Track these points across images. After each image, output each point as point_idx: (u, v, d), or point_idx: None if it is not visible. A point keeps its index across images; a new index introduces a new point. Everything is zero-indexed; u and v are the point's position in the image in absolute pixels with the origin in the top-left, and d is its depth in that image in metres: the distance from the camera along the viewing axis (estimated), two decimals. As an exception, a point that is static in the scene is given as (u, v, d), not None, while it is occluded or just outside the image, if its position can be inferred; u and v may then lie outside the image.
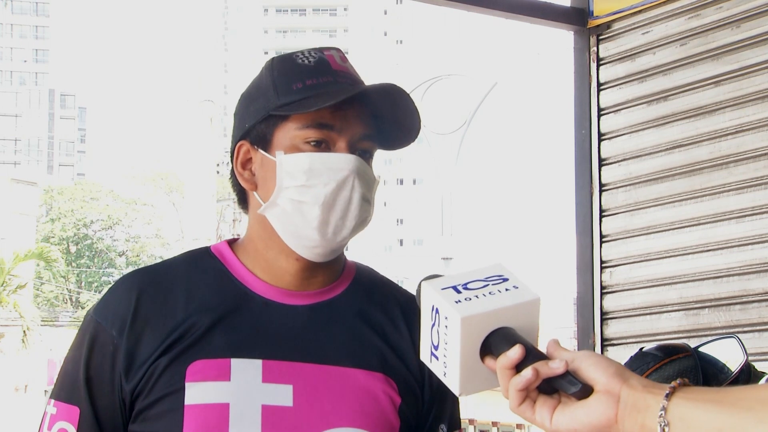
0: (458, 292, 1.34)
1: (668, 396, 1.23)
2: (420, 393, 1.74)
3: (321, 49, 1.75)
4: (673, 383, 1.25)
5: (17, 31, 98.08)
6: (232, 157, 1.77)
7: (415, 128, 1.73)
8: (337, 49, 1.76)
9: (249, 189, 1.75)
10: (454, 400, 1.80)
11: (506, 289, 1.35)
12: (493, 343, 1.32)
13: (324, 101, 1.65)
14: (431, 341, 1.37)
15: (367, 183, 1.69)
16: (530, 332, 1.34)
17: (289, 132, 1.69)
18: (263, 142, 1.71)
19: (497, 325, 1.33)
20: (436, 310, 1.35)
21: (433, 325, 1.36)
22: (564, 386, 1.28)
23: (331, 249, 1.70)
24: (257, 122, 1.72)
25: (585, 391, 1.27)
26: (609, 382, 1.26)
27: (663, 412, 1.23)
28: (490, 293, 1.34)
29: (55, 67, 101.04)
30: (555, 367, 1.28)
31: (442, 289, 1.35)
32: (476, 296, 1.34)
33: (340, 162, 1.66)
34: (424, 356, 1.40)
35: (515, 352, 1.29)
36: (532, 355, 1.30)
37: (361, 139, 1.70)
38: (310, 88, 1.68)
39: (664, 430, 1.22)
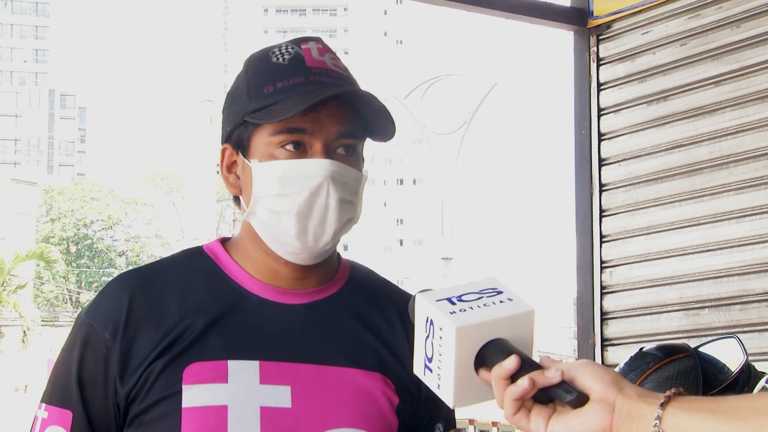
0: (453, 303, 1.35)
1: (663, 405, 1.24)
2: (417, 392, 1.72)
3: (299, 41, 1.69)
4: (668, 392, 1.25)
5: (17, 31, 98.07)
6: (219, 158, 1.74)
7: (389, 126, 1.67)
8: (317, 39, 1.71)
9: (234, 193, 1.72)
10: None
11: (500, 301, 1.36)
12: (488, 354, 1.33)
13: (289, 109, 1.61)
14: (425, 353, 1.37)
15: (346, 185, 1.65)
16: (524, 344, 1.34)
17: (263, 138, 1.65)
18: (242, 147, 1.68)
19: (491, 337, 1.33)
20: (431, 321, 1.36)
21: (427, 336, 1.37)
22: (559, 395, 1.28)
23: (316, 254, 1.67)
24: (235, 126, 1.68)
25: (580, 399, 1.27)
26: (604, 390, 1.27)
27: (658, 421, 1.23)
28: (484, 305, 1.35)
29: (55, 67, 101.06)
30: (551, 377, 1.29)
31: (437, 300, 1.36)
32: (471, 308, 1.34)
33: (313, 169, 1.63)
34: (418, 369, 1.40)
35: (511, 362, 1.30)
36: (527, 365, 1.30)
37: (338, 138, 1.65)
38: (280, 92, 1.64)
39: None
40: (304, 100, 1.61)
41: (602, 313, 4.45)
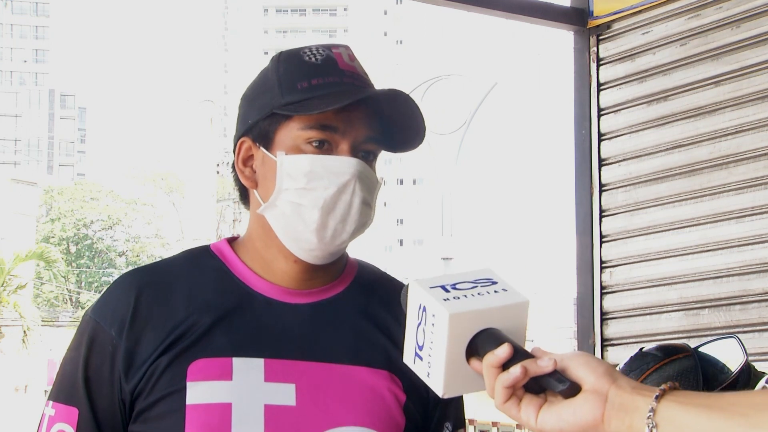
0: (447, 291, 1.34)
1: (658, 398, 1.23)
2: (425, 390, 1.69)
3: (329, 46, 1.72)
4: (663, 386, 1.24)
5: (17, 31, 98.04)
6: (234, 151, 1.74)
7: (419, 133, 1.70)
8: (346, 47, 1.73)
9: (249, 186, 1.72)
10: (458, 399, 1.78)
11: (495, 291, 1.35)
12: (480, 344, 1.32)
13: (328, 104, 1.62)
14: (416, 341, 1.37)
15: (369, 187, 1.67)
16: (517, 335, 1.34)
17: (291, 132, 1.66)
18: (265, 140, 1.68)
19: (484, 326, 1.32)
20: (423, 308, 1.35)
21: (419, 324, 1.36)
22: (551, 384, 1.27)
23: (329, 252, 1.68)
24: (260, 119, 1.69)
25: (572, 389, 1.26)
26: (597, 381, 1.26)
27: (652, 413, 1.22)
28: (478, 294, 1.35)
29: (55, 67, 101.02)
30: (543, 365, 1.28)
31: (431, 287, 1.35)
32: (465, 296, 1.34)
33: (342, 165, 1.64)
34: (408, 358, 1.39)
35: (503, 351, 1.29)
36: (519, 355, 1.29)
37: (364, 142, 1.67)
38: (315, 88, 1.65)
39: (652, 431, 1.22)
40: (343, 97, 1.63)
41: (602, 313, 4.45)
